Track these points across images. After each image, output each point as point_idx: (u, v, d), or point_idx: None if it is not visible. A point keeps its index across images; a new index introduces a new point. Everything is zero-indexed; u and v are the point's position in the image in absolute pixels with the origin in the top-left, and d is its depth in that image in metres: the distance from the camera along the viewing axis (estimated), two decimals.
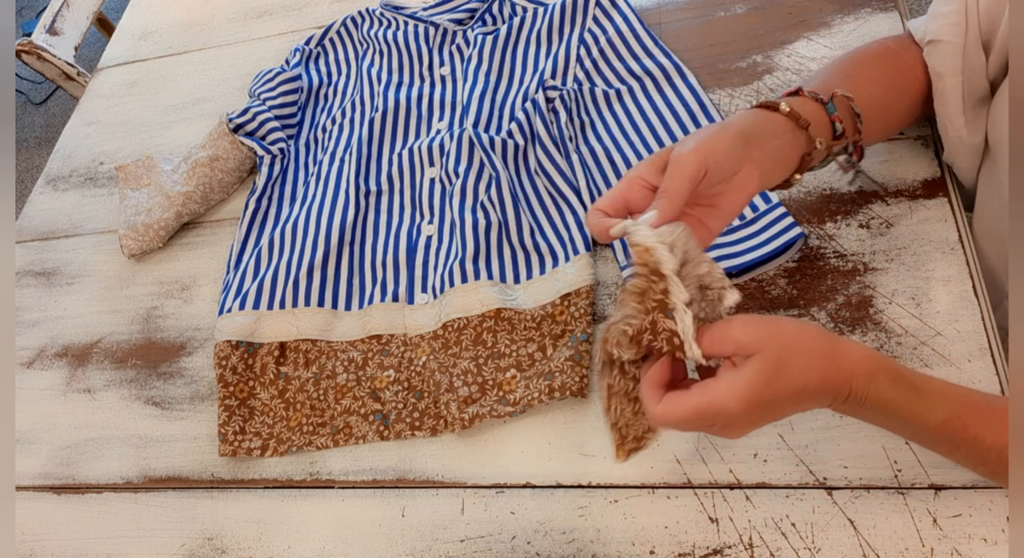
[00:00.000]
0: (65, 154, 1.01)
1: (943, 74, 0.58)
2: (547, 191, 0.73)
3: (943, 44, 0.57)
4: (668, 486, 0.57)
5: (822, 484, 0.54)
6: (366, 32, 0.93)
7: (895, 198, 0.64)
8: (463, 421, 0.62)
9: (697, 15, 0.82)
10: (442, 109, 0.83)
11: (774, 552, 0.52)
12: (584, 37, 0.81)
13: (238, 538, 0.64)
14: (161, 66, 1.07)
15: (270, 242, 0.77)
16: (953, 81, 0.58)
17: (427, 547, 0.59)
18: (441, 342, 0.67)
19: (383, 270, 0.74)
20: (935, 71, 0.58)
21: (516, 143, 0.76)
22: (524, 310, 0.67)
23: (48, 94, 2.62)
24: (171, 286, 0.82)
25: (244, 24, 1.06)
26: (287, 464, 0.67)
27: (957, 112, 0.59)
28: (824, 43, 0.75)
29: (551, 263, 0.69)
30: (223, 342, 0.71)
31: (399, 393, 0.67)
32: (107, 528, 0.68)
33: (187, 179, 0.84)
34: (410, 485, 0.63)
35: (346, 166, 0.80)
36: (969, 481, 0.51)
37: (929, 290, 0.59)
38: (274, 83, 0.88)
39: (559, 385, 0.61)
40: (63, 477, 0.73)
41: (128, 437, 0.73)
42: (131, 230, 0.83)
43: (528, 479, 0.60)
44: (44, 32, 1.29)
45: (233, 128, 0.84)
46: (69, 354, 0.81)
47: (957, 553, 0.49)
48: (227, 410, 0.69)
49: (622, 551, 0.55)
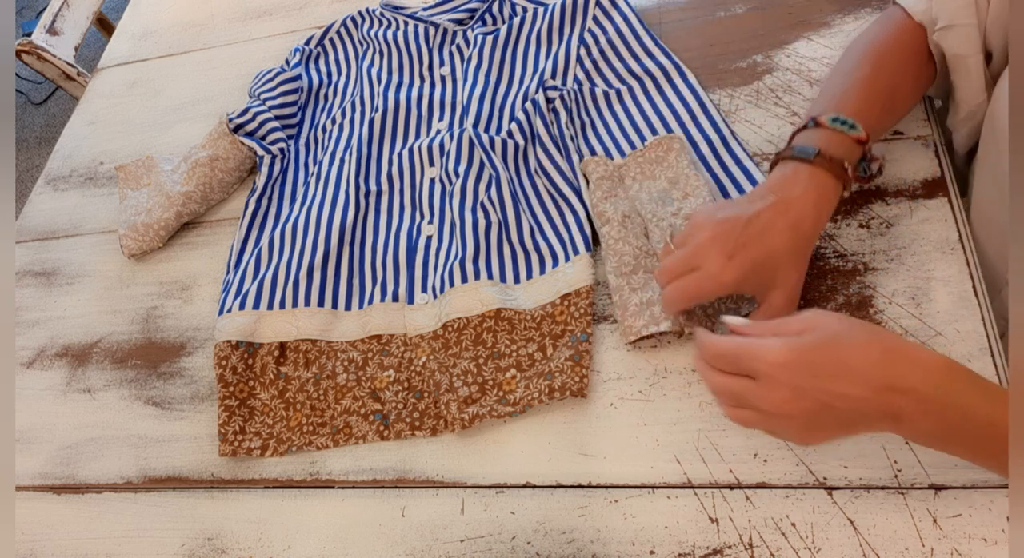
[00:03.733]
0: (65, 154, 1.01)
1: (966, 54, 0.59)
2: (547, 191, 0.73)
3: (959, 27, 0.58)
4: (668, 486, 0.57)
5: (822, 484, 0.54)
6: (366, 32, 0.93)
7: (895, 198, 0.64)
8: (463, 421, 0.62)
9: (697, 15, 0.82)
10: (442, 109, 0.83)
11: (774, 552, 0.52)
12: (584, 37, 0.81)
13: (238, 538, 0.64)
14: (161, 66, 1.07)
15: (270, 242, 0.77)
16: (976, 59, 0.59)
17: (427, 547, 0.59)
18: (441, 342, 0.67)
19: (383, 270, 0.74)
20: (955, 53, 0.59)
21: (516, 143, 0.76)
22: (524, 310, 0.67)
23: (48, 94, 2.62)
24: (171, 286, 0.82)
25: (244, 24, 1.06)
26: (287, 464, 0.67)
27: (980, 88, 0.60)
28: (824, 43, 0.75)
29: (551, 263, 0.69)
30: (223, 342, 0.71)
31: (399, 393, 0.67)
32: (107, 528, 0.68)
33: (187, 179, 0.84)
34: (410, 485, 0.63)
35: (346, 166, 0.80)
36: (969, 481, 0.51)
37: (929, 290, 0.59)
38: (274, 83, 0.88)
39: (559, 385, 0.61)
40: (63, 477, 0.73)
41: (128, 437, 0.73)
42: (131, 230, 0.83)
43: (528, 479, 0.60)
44: (44, 32, 1.29)
45: (233, 128, 0.84)
46: (69, 354, 0.81)
47: (957, 553, 0.49)
48: (227, 410, 0.69)
49: (622, 551, 0.55)
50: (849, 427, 0.46)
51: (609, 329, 0.65)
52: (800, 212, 0.52)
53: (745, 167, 0.68)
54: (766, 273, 0.52)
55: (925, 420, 0.43)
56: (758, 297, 0.55)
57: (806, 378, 0.44)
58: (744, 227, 0.52)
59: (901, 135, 0.67)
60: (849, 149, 0.55)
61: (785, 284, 0.53)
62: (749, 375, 0.46)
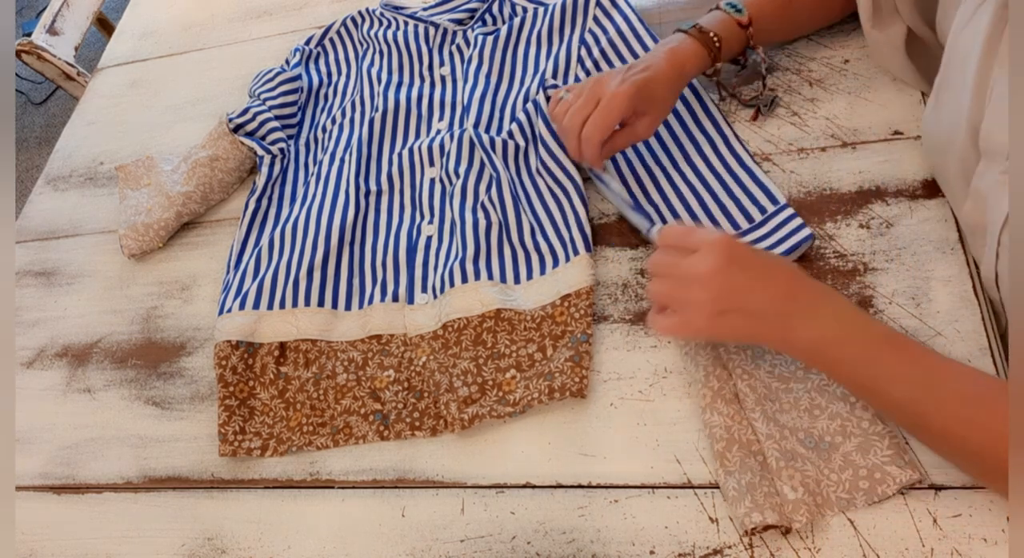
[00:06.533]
0: (65, 154, 1.01)
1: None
2: (548, 190, 0.73)
3: None
4: (668, 486, 0.57)
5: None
6: (366, 32, 0.93)
7: (895, 198, 0.64)
8: (462, 421, 0.62)
9: (697, 15, 0.82)
10: (442, 109, 0.83)
11: (774, 552, 0.52)
12: (585, 37, 0.81)
13: (238, 538, 0.64)
14: (161, 66, 1.07)
15: (270, 242, 0.77)
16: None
17: (427, 547, 0.59)
18: (441, 342, 0.67)
19: (383, 270, 0.74)
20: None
21: (517, 144, 0.76)
22: (524, 310, 0.67)
23: (48, 94, 2.62)
24: (171, 286, 0.82)
25: (244, 24, 1.06)
26: (287, 464, 0.67)
27: (867, 16, 0.67)
28: (824, 43, 0.75)
29: (551, 263, 0.69)
30: (223, 342, 0.71)
31: (399, 393, 0.67)
32: (107, 528, 0.68)
33: (187, 179, 0.84)
34: (410, 485, 0.63)
35: (346, 166, 0.80)
36: (969, 481, 0.51)
37: (929, 290, 0.59)
38: (274, 83, 0.88)
39: (559, 386, 0.61)
40: (63, 477, 0.73)
41: (128, 437, 0.73)
42: (131, 230, 0.83)
43: (528, 479, 0.60)
44: (44, 32, 1.29)
45: (233, 128, 0.84)
46: (69, 354, 0.81)
47: (957, 553, 0.49)
48: (227, 410, 0.69)
49: (622, 551, 0.55)
50: (746, 326, 0.52)
51: (609, 329, 0.65)
52: (661, 65, 0.66)
53: (748, 167, 0.68)
54: (643, 100, 0.64)
55: (811, 327, 0.51)
56: (628, 122, 0.66)
57: (740, 259, 0.52)
58: (627, 68, 0.66)
59: (901, 135, 0.67)
60: (728, 28, 0.68)
61: (652, 115, 0.66)
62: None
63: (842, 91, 0.71)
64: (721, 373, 0.58)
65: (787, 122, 0.71)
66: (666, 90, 0.66)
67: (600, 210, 0.72)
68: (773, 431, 0.54)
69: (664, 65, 0.65)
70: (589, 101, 0.65)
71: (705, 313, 0.52)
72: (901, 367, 0.49)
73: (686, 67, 0.67)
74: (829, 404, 0.55)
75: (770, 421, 0.55)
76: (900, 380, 0.49)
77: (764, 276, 0.52)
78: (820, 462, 0.53)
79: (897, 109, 0.69)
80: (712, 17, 0.69)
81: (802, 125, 0.70)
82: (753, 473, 0.53)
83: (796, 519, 0.51)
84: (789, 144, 0.70)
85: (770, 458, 0.53)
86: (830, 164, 0.67)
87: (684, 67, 0.67)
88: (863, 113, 0.69)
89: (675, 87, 0.67)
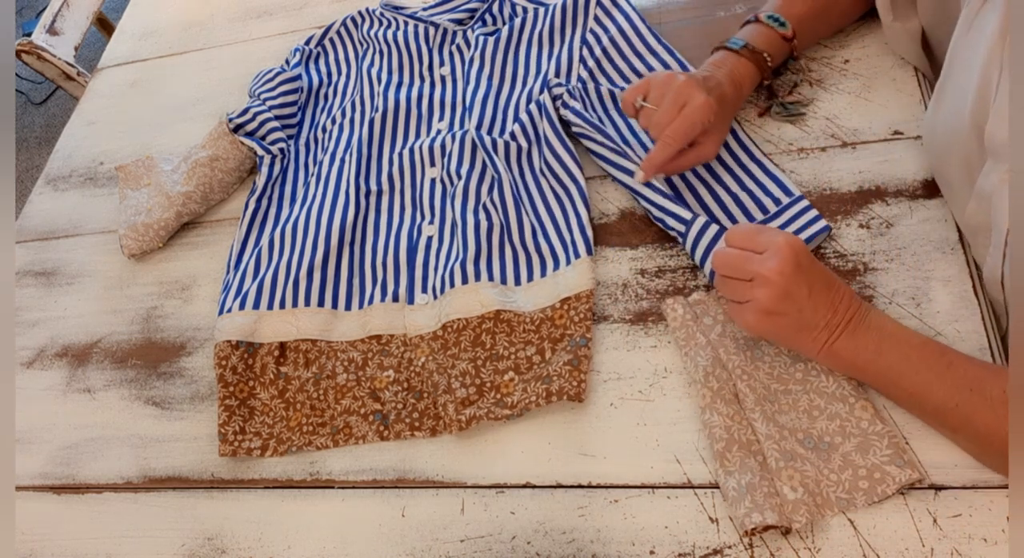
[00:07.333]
0: (65, 154, 1.01)
1: None
2: (551, 191, 0.73)
3: None
4: (668, 486, 0.57)
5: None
6: (366, 32, 0.93)
7: (895, 198, 0.64)
8: (460, 422, 0.62)
9: (697, 15, 0.82)
10: (442, 109, 0.83)
11: (774, 552, 0.52)
12: (586, 37, 0.81)
13: (238, 538, 0.64)
14: (161, 66, 1.07)
15: (270, 242, 0.77)
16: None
17: (427, 547, 0.59)
18: (440, 343, 0.67)
19: (383, 270, 0.74)
20: None
21: (519, 145, 0.76)
22: (523, 312, 0.67)
23: (48, 94, 2.62)
24: (171, 286, 0.82)
25: (244, 24, 1.06)
26: (287, 464, 0.67)
27: (885, 9, 0.68)
28: (824, 43, 0.75)
29: (552, 266, 0.69)
30: (223, 342, 0.71)
31: (399, 393, 0.66)
32: (107, 528, 0.68)
33: (187, 179, 0.84)
34: (410, 485, 0.63)
35: (346, 166, 0.80)
36: (969, 481, 0.51)
37: (929, 290, 0.59)
38: (274, 83, 0.88)
39: (557, 389, 0.61)
40: (63, 477, 0.73)
41: (128, 437, 0.73)
42: (131, 230, 0.83)
43: (528, 479, 0.60)
44: (44, 32, 1.29)
45: (233, 128, 0.84)
46: (69, 354, 0.81)
47: (957, 553, 0.49)
48: (227, 410, 0.69)
49: (622, 551, 0.55)
50: (792, 332, 0.54)
51: (609, 329, 0.65)
52: (725, 88, 0.66)
53: (759, 160, 0.68)
54: (716, 116, 0.64)
55: (852, 340, 0.53)
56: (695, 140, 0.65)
57: (805, 268, 0.53)
58: (704, 80, 0.65)
59: (901, 135, 0.67)
60: (774, 44, 0.69)
61: (716, 135, 0.65)
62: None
63: (842, 91, 0.71)
64: (721, 373, 0.58)
65: (787, 122, 0.71)
66: (731, 111, 0.67)
67: (600, 210, 0.72)
68: (773, 431, 0.54)
69: (728, 87, 0.66)
70: (674, 106, 0.63)
71: (759, 311, 0.53)
72: (941, 373, 0.50)
73: (743, 89, 0.68)
74: (828, 405, 0.55)
75: (770, 421, 0.55)
76: (942, 385, 0.50)
77: (822, 288, 0.53)
78: (820, 462, 0.53)
79: (897, 109, 0.69)
80: (757, 33, 0.69)
81: (802, 125, 0.71)
82: (753, 473, 0.53)
83: (796, 519, 0.51)
84: (789, 144, 0.70)
85: (770, 458, 0.53)
86: (830, 164, 0.67)
87: (742, 89, 0.68)
88: (863, 113, 0.69)
89: (736, 109, 0.69)
